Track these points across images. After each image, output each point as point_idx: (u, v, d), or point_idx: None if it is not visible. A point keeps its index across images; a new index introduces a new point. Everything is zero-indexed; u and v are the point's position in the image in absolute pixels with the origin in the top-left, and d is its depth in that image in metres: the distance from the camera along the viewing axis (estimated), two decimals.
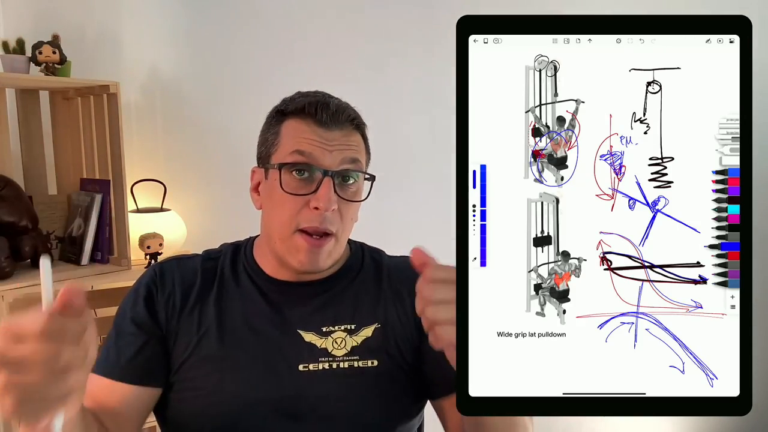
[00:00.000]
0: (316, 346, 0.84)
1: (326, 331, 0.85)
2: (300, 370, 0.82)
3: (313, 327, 0.85)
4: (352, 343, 0.85)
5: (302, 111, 0.83)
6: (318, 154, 0.81)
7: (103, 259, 1.58)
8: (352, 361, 0.84)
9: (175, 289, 0.85)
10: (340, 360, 0.83)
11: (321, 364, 0.83)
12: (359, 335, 0.85)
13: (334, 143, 0.82)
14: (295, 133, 0.82)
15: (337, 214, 0.82)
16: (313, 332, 0.85)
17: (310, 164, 0.81)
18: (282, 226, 0.82)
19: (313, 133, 0.82)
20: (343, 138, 0.83)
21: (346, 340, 0.85)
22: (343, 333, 0.85)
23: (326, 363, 0.83)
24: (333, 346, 0.84)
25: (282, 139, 0.83)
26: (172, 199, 1.76)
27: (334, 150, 0.81)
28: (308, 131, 0.82)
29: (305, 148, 0.81)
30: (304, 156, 0.81)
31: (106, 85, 1.51)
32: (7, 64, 1.47)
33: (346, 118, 0.84)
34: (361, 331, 0.86)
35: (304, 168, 0.81)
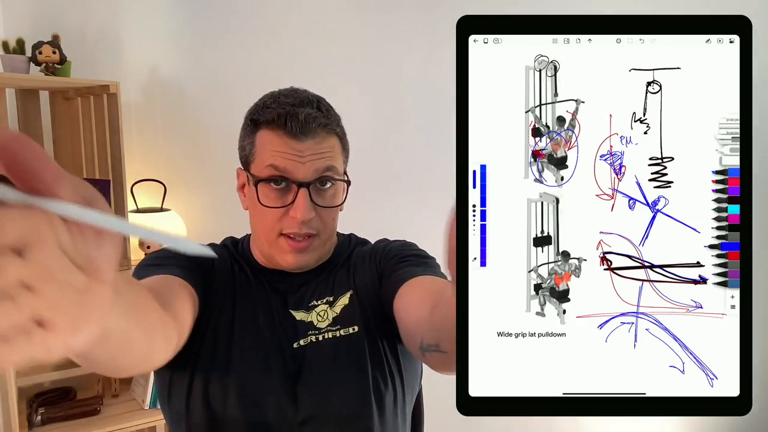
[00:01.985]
0: (304, 321, 0.89)
1: (311, 305, 0.90)
2: (294, 347, 0.87)
3: (303, 306, 0.90)
4: (333, 314, 0.89)
5: (273, 122, 0.85)
6: (291, 167, 0.83)
7: None
8: (335, 331, 0.88)
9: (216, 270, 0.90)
10: (325, 331, 0.88)
11: (309, 338, 0.87)
12: (337, 305, 0.90)
13: (306, 154, 0.83)
14: (269, 146, 0.85)
15: (317, 219, 0.85)
16: (302, 310, 0.90)
17: (284, 178, 0.84)
18: (266, 232, 0.87)
19: (285, 146, 0.83)
20: (316, 146, 0.84)
21: (327, 312, 0.89)
22: (325, 305, 0.90)
23: (312, 336, 0.87)
24: (317, 320, 0.89)
25: (257, 150, 0.86)
26: (172, 199, 1.76)
27: (306, 161, 0.83)
28: (280, 144, 0.84)
29: (279, 162, 0.83)
30: (278, 170, 0.84)
31: (106, 85, 1.51)
32: (7, 64, 1.47)
33: (316, 126, 0.84)
34: (339, 300, 0.90)
35: (278, 182, 0.84)
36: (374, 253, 0.95)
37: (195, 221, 1.80)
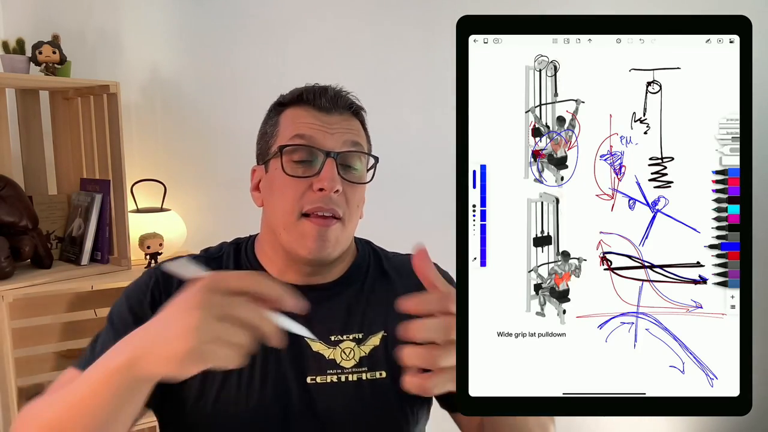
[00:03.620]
0: (324, 356, 0.80)
1: (334, 340, 0.81)
2: (308, 382, 0.79)
3: (321, 336, 0.81)
4: (360, 354, 0.82)
5: (300, 99, 0.82)
6: (319, 137, 0.79)
7: (103, 259, 1.58)
8: (360, 373, 0.81)
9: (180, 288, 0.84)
10: (349, 372, 0.80)
11: (329, 377, 0.80)
12: (367, 344, 0.82)
13: (334, 126, 0.80)
14: (294, 120, 0.81)
15: (342, 197, 0.79)
16: (321, 341, 0.81)
17: (312, 147, 0.79)
18: (286, 214, 0.79)
19: (312, 118, 0.80)
20: (344, 122, 0.82)
21: (354, 351, 0.82)
22: (352, 343, 0.82)
23: (334, 375, 0.80)
24: (341, 357, 0.81)
25: (281, 128, 0.82)
26: (172, 199, 1.76)
27: (335, 132, 0.80)
28: (308, 116, 0.81)
29: (305, 131, 0.79)
30: (304, 139, 0.79)
31: (106, 85, 1.51)
32: (7, 64, 1.47)
33: (344, 103, 0.83)
34: (369, 340, 0.83)
35: (305, 152, 0.79)
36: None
37: (195, 221, 1.80)
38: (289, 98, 0.84)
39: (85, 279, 1.47)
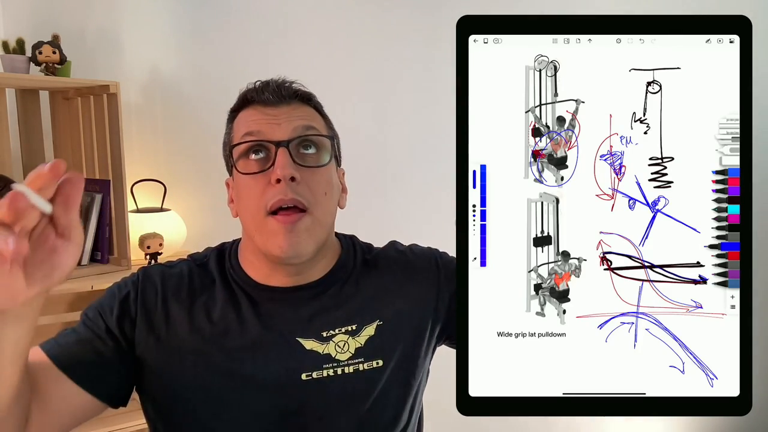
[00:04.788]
0: (318, 352, 0.81)
1: (327, 336, 0.81)
2: (303, 379, 0.79)
3: (313, 333, 0.81)
4: (356, 345, 0.82)
5: (246, 100, 0.83)
6: (267, 129, 0.79)
7: (103, 259, 1.58)
8: (357, 364, 0.81)
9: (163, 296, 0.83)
10: (345, 364, 0.81)
11: (325, 371, 0.80)
12: (362, 335, 0.83)
13: (281, 117, 0.80)
14: (244, 121, 0.82)
15: (303, 186, 0.77)
16: (313, 339, 0.81)
17: (261, 140, 0.78)
18: (253, 215, 0.78)
19: (259, 114, 0.81)
20: (292, 111, 0.81)
21: (348, 343, 0.82)
22: (345, 335, 0.82)
23: (330, 369, 0.80)
24: (336, 351, 0.81)
25: (234, 132, 0.83)
26: (172, 199, 1.76)
27: (282, 122, 0.79)
28: (255, 114, 0.81)
29: (253, 128, 0.79)
30: (253, 135, 0.79)
31: (106, 85, 1.51)
32: (7, 64, 1.47)
33: (288, 93, 0.82)
34: (364, 330, 0.83)
35: (257, 147, 0.79)
36: (428, 274, 0.88)
37: (195, 221, 1.80)
38: (237, 103, 0.85)
39: (85, 279, 1.47)
